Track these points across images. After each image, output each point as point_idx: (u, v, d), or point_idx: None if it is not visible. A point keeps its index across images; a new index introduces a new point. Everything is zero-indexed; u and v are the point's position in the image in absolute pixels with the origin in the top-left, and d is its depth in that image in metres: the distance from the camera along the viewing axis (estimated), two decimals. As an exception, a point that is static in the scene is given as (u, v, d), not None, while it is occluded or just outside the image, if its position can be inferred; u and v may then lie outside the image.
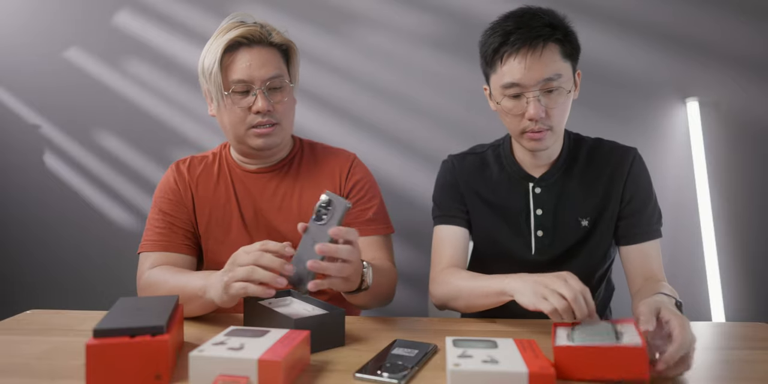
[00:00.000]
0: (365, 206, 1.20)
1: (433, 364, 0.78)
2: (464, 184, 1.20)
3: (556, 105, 1.02)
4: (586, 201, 1.13)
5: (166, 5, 1.92)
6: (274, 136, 1.13)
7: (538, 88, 1.00)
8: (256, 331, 0.77)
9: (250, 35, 1.09)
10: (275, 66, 1.11)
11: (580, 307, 0.78)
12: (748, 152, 1.77)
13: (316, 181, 1.20)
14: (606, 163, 1.14)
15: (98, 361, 0.67)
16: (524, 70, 0.99)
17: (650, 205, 1.13)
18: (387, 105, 1.87)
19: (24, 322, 1.00)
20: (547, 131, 1.04)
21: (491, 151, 1.22)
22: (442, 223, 1.19)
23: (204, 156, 1.24)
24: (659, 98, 1.78)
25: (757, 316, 1.74)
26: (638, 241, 1.11)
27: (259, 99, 1.08)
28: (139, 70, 1.95)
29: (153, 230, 1.14)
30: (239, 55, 1.09)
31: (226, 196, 1.18)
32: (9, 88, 2.00)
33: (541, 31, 0.99)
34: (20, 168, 2.01)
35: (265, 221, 1.17)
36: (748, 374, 0.75)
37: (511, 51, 1.00)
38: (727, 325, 1.03)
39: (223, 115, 1.12)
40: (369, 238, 1.17)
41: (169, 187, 1.18)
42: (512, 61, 1.00)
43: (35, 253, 2.04)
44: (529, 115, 1.01)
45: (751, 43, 1.72)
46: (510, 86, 1.02)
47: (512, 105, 1.04)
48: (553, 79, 1.00)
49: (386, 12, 1.84)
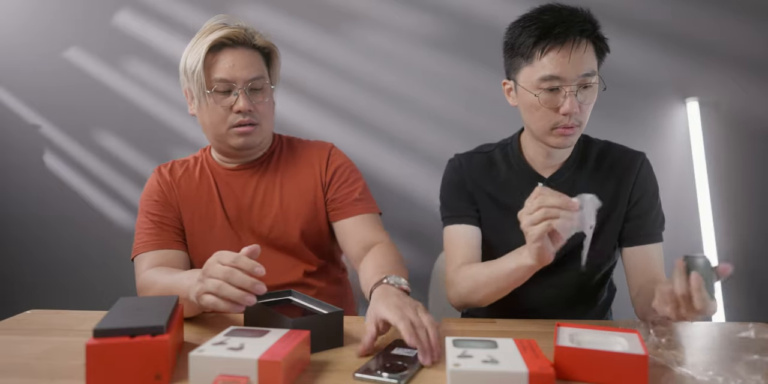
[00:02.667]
0: (350, 188, 1.21)
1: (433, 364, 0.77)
2: (472, 183, 1.19)
3: (589, 101, 1.04)
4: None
5: (166, 5, 1.92)
6: (254, 136, 1.14)
7: (576, 83, 1.01)
8: (256, 331, 0.77)
9: (234, 37, 1.11)
10: (257, 68, 1.13)
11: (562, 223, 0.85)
12: (748, 152, 1.77)
13: (296, 173, 1.22)
14: (615, 166, 1.14)
15: (98, 361, 0.67)
16: (567, 64, 0.99)
17: (655, 208, 1.14)
18: (387, 105, 1.87)
19: (24, 322, 1.00)
20: (577, 127, 1.05)
21: (499, 151, 1.21)
22: (453, 223, 1.18)
23: (185, 160, 1.27)
24: (659, 98, 1.78)
25: (757, 316, 1.74)
26: (641, 243, 1.11)
27: (240, 99, 1.10)
28: (139, 70, 1.95)
29: (143, 232, 1.16)
30: (223, 56, 1.11)
31: (209, 194, 1.20)
32: (9, 88, 2.00)
33: (584, 26, 1.00)
34: (20, 168, 2.01)
35: (248, 217, 1.19)
36: (748, 374, 0.75)
37: (554, 44, 1.00)
38: (727, 325, 1.03)
39: (204, 114, 1.14)
40: (361, 217, 1.19)
41: (154, 190, 1.21)
42: (554, 54, 1.00)
43: (35, 253, 2.04)
44: (565, 109, 1.01)
45: (751, 43, 1.72)
46: (549, 79, 1.01)
47: (548, 98, 1.03)
48: (590, 75, 1.01)
49: (386, 12, 1.84)
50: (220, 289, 0.78)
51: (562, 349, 0.71)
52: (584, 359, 0.70)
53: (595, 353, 0.69)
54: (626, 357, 0.68)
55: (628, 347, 0.71)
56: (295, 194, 1.20)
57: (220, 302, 0.78)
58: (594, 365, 0.69)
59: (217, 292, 0.78)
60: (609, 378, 0.68)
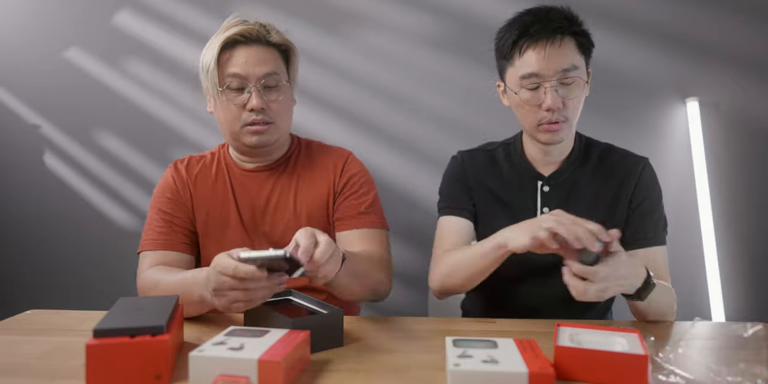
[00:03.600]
0: (359, 200, 1.19)
1: (433, 364, 0.78)
2: (473, 179, 1.20)
3: (573, 96, 1.04)
4: (593, 203, 1.13)
5: (166, 5, 1.92)
6: (267, 135, 1.13)
7: (555, 79, 1.02)
8: (256, 331, 0.77)
9: (248, 33, 1.10)
10: (272, 64, 1.12)
11: (573, 232, 0.80)
12: (748, 152, 1.77)
13: (312, 178, 1.21)
14: (616, 169, 1.15)
15: (98, 361, 0.67)
16: (543, 60, 1.02)
17: (657, 212, 1.14)
18: (387, 105, 1.87)
19: (24, 322, 1.00)
20: (563, 123, 1.06)
21: (501, 149, 1.22)
22: (447, 214, 1.19)
23: (202, 156, 1.25)
24: (659, 98, 1.78)
25: (757, 316, 1.74)
26: (643, 246, 1.11)
27: (253, 96, 1.09)
28: (139, 70, 1.95)
29: (153, 229, 1.14)
30: (236, 53, 1.10)
31: (224, 194, 1.19)
32: (9, 88, 2.00)
33: (560, 23, 1.02)
34: (20, 168, 2.01)
35: (262, 220, 1.17)
36: (748, 374, 0.75)
37: (530, 42, 1.03)
38: (727, 325, 1.03)
39: (219, 112, 1.14)
40: (360, 231, 1.15)
41: (168, 187, 1.18)
42: (531, 52, 1.03)
43: (35, 253, 2.04)
44: (547, 105, 1.03)
45: (751, 43, 1.73)
46: (528, 77, 1.04)
47: (530, 96, 1.06)
48: (569, 70, 1.03)
49: (386, 12, 1.84)
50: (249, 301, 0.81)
51: (562, 349, 0.71)
52: (584, 359, 0.70)
53: (595, 353, 0.69)
54: (626, 357, 0.68)
55: (628, 347, 0.71)
56: (309, 199, 1.18)
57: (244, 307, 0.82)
58: (594, 365, 0.69)
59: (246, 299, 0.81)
60: (609, 378, 0.68)
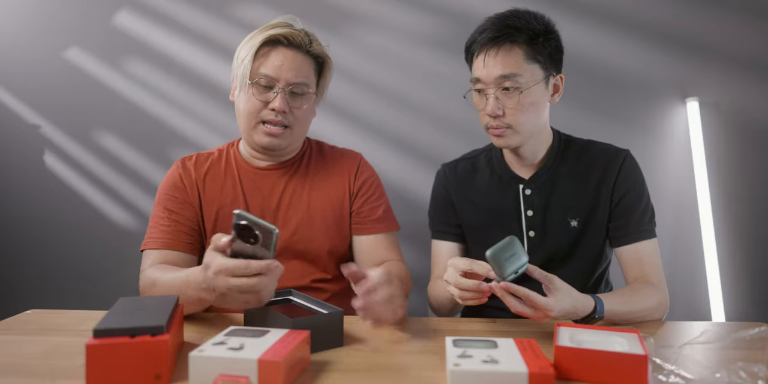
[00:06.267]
0: (375, 204, 1.22)
1: (433, 364, 0.78)
2: (455, 193, 1.24)
3: (512, 104, 1.05)
4: (575, 202, 1.14)
5: (166, 5, 1.92)
6: (281, 139, 1.13)
7: (494, 86, 1.05)
8: (256, 331, 0.77)
9: (291, 37, 1.13)
10: (305, 73, 1.14)
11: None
12: (748, 152, 1.77)
13: (325, 180, 1.22)
14: (595, 165, 1.15)
15: (98, 361, 0.67)
16: (483, 67, 1.06)
17: (641, 206, 1.13)
18: (387, 105, 1.86)
19: (24, 322, 1.00)
20: (507, 129, 1.07)
21: (484, 156, 1.26)
22: (435, 238, 1.28)
23: (210, 153, 1.24)
24: (659, 98, 1.78)
25: (757, 316, 1.74)
26: (630, 242, 1.12)
27: (278, 98, 1.10)
28: (139, 70, 1.94)
29: (157, 228, 1.14)
30: (275, 52, 1.12)
31: (234, 193, 1.18)
32: (9, 88, 2.00)
33: (502, 32, 1.04)
34: (20, 168, 2.01)
35: (273, 219, 1.17)
36: (748, 374, 0.75)
37: (478, 49, 1.08)
38: (727, 325, 1.03)
39: (240, 102, 1.14)
40: (380, 236, 1.21)
41: (175, 185, 1.17)
42: (477, 58, 1.08)
43: (35, 253, 2.04)
44: (486, 111, 1.07)
45: (751, 43, 1.73)
46: (474, 81, 1.09)
47: (477, 100, 1.10)
48: (508, 78, 1.04)
49: (386, 12, 1.84)
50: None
51: (562, 349, 0.71)
52: (584, 359, 0.70)
53: (595, 353, 0.70)
54: (626, 357, 0.68)
55: (628, 347, 0.71)
56: (323, 199, 1.19)
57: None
58: (594, 365, 0.69)
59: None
60: (609, 378, 0.69)
